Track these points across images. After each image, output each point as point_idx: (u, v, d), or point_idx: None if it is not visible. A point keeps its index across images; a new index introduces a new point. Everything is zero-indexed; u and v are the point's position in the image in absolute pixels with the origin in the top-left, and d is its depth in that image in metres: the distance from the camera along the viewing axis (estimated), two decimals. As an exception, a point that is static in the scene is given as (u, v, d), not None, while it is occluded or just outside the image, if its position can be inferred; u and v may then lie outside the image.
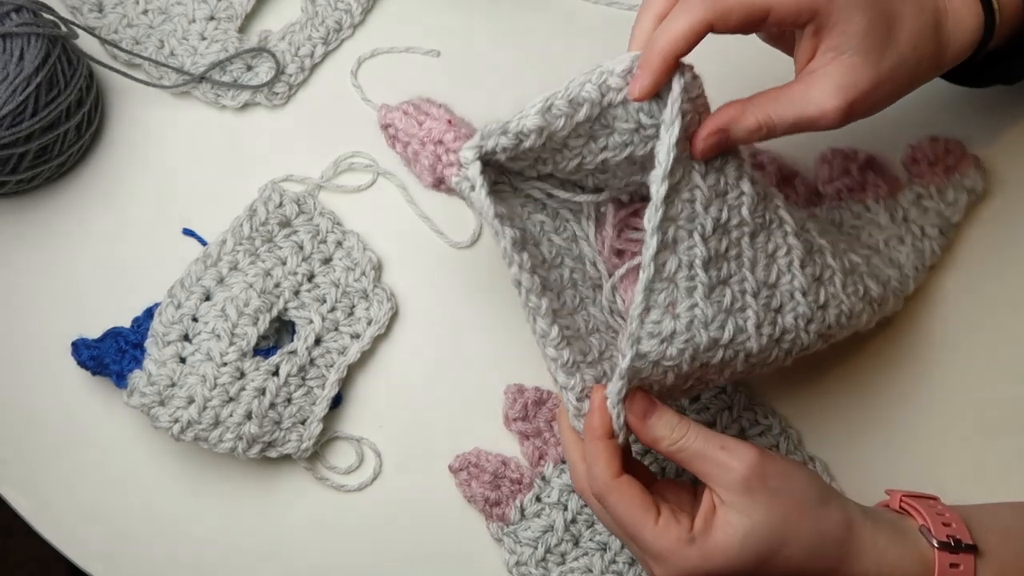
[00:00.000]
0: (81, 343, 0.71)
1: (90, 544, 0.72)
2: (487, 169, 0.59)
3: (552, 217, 0.66)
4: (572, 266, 0.65)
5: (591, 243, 0.66)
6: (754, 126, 0.59)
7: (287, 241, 0.74)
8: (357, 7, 0.80)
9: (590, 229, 0.67)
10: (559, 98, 0.58)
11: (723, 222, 0.60)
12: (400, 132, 0.63)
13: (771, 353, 0.62)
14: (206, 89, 0.78)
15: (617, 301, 0.66)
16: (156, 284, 0.73)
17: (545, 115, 0.58)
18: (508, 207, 0.62)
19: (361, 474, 0.73)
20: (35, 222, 0.77)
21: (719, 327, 0.59)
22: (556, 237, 0.66)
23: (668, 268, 0.58)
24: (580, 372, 0.60)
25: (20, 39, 0.71)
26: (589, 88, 0.58)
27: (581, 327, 0.63)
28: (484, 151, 0.59)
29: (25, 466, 0.73)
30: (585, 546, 0.70)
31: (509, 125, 0.59)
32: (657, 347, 0.58)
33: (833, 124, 0.59)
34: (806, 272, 0.62)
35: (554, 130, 0.59)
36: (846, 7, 0.58)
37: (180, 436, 0.69)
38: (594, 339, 0.63)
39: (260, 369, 0.70)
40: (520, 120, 0.58)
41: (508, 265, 0.58)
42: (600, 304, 0.66)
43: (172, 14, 0.79)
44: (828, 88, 0.58)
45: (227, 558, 0.71)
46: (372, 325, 0.73)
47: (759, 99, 0.59)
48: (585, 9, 0.81)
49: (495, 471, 0.71)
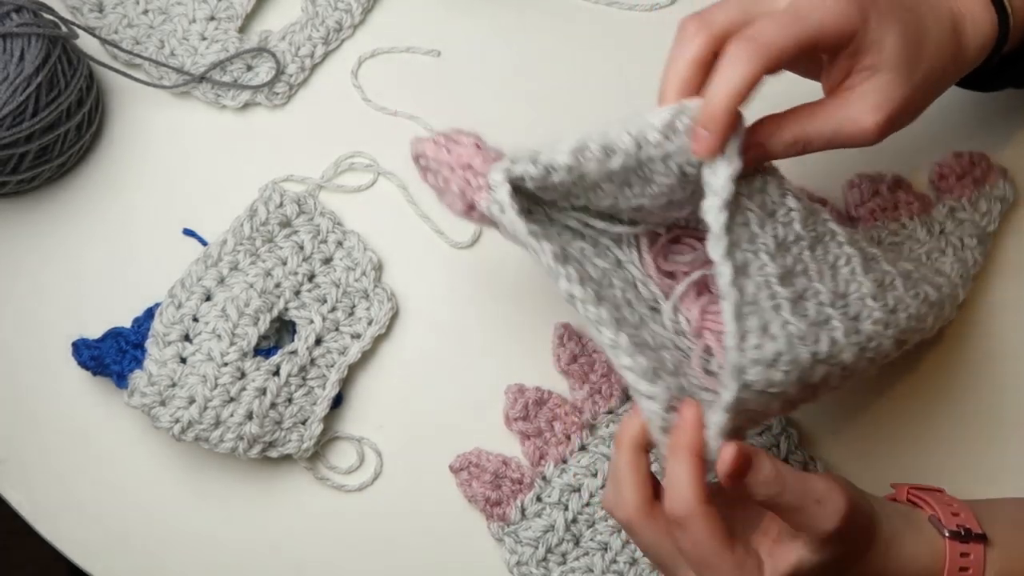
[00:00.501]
0: (82, 343, 0.71)
1: (90, 544, 0.72)
2: (518, 196, 0.58)
3: (592, 244, 0.64)
4: (622, 287, 0.64)
5: (638, 266, 0.65)
6: (790, 140, 0.58)
7: (288, 241, 0.74)
8: (357, 7, 0.80)
9: (632, 254, 0.65)
10: (593, 142, 0.57)
11: (781, 239, 0.59)
12: (431, 161, 0.61)
13: (860, 364, 0.61)
14: (206, 89, 0.78)
15: (680, 321, 0.64)
16: (156, 284, 0.73)
17: (576, 155, 0.57)
18: (544, 231, 0.60)
19: (361, 474, 0.73)
20: (35, 222, 0.77)
21: (814, 341, 0.58)
22: (600, 261, 0.64)
23: (748, 291, 0.57)
24: (663, 380, 0.57)
25: (20, 39, 0.71)
26: (626, 139, 0.57)
27: (649, 340, 0.61)
28: (512, 175, 0.58)
29: (25, 466, 0.73)
30: (586, 546, 0.70)
31: (540, 156, 0.57)
32: (762, 373, 0.56)
33: (870, 140, 0.59)
34: (870, 278, 0.62)
35: (585, 172, 0.57)
36: (880, 26, 0.58)
37: (181, 436, 0.69)
38: (665, 354, 0.61)
39: (261, 369, 0.70)
40: (551, 154, 0.57)
41: (555, 280, 0.57)
42: (661, 323, 0.64)
43: (172, 14, 0.79)
44: (866, 105, 0.58)
45: (227, 558, 0.71)
46: (372, 325, 0.73)
47: (795, 114, 0.59)
48: (585, 9, 0.81)
49: (496, 471, 0.71)
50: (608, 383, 0.72)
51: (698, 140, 0.57)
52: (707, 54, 0.57)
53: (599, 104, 0.79)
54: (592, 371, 0.72)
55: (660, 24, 0.80)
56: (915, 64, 0.59)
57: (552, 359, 0.73)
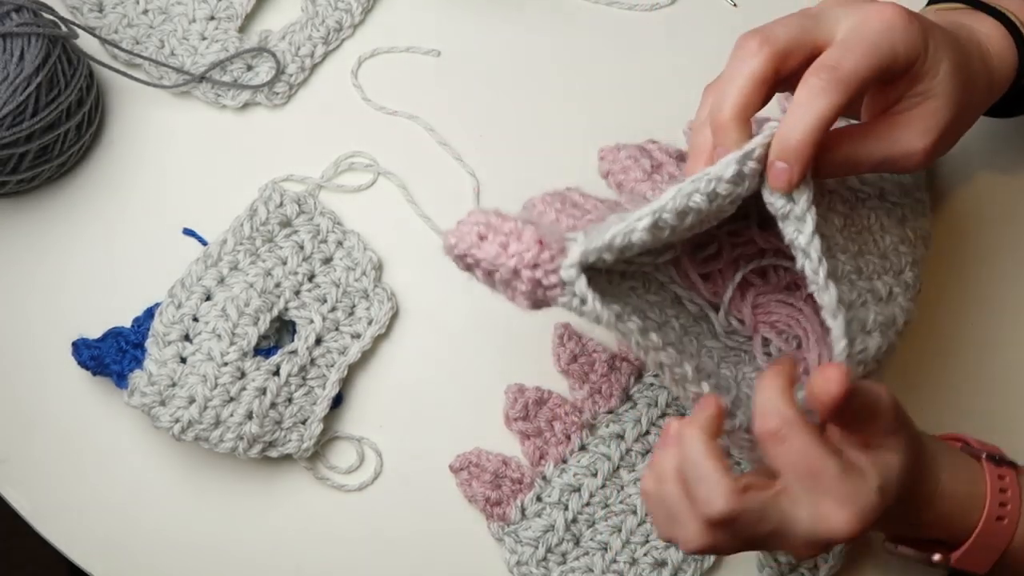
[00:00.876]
0: (82, 343, 0.71)
1: (90, 544, 0.72)
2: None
3: (637, 278, 0.64)
4: (675, 313, 0.64)
5: (679, 283, 0.65)
6: (840, 160, 0.58)
7: (288, 241, 0.74)
8: (357, 7, 0.80)
9: (670, 271, 0.65)
10: (667, 211, 0.55)
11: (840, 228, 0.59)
12: (483, 262, 0.55)
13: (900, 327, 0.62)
14: (206, 89, 0.78)
15: (732, 323, 0.65)
16: (156, 284, 0.73)
17: (652, 230, 0.55)
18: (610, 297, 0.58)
19: (361, 474, 0.73)
20: (35, 222, 0.76)
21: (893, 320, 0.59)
22: (651, 296, 0.64)
23: (844, 298, 0.57)
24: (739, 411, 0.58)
25: (20, 39, 0.71)
26: (698, 199, 0.55)
27: (711, 366, 0.62)
28: (585, 265, 0.55)
29: (25, 466, 0.73)
30: (586, 546, 0.70)
31: (615, 241, 0.55)
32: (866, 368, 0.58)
33: (917, 165, 0.59)
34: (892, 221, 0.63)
35: (658, 239, 0.56)
36: (936, 52, 0.58)
37: (181, 436, 0.69)
38: (724, 370, 0.62)
39: (261, 369, 0.70)
40: (626, 235, 0.55)
41: (644, 354, 0.56)
42: (712, 332, 0.65)
43: (172, 14, 0.79)
44: (916, 131, 0.58)
45: (227, 558, 0.71)
46: (372, 325, 0.73)
47: (845, 135, 0.59)
48: (585, 9, 0.81)
49: (496, 471, 0.71)
50: (608, 383, 0.72)
51: (777, 175, 0.56)
52: (770, 72, 0.56)
53: (599, 104, 0.79)
54: (592, 371, 0.72)
55: (660, 24, 0.81)
56: (961, 91, 0.59)
57: (552, 359, 0.73)
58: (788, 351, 0.63)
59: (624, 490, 0.71)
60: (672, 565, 0.70)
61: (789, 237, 0.56)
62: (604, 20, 0.81)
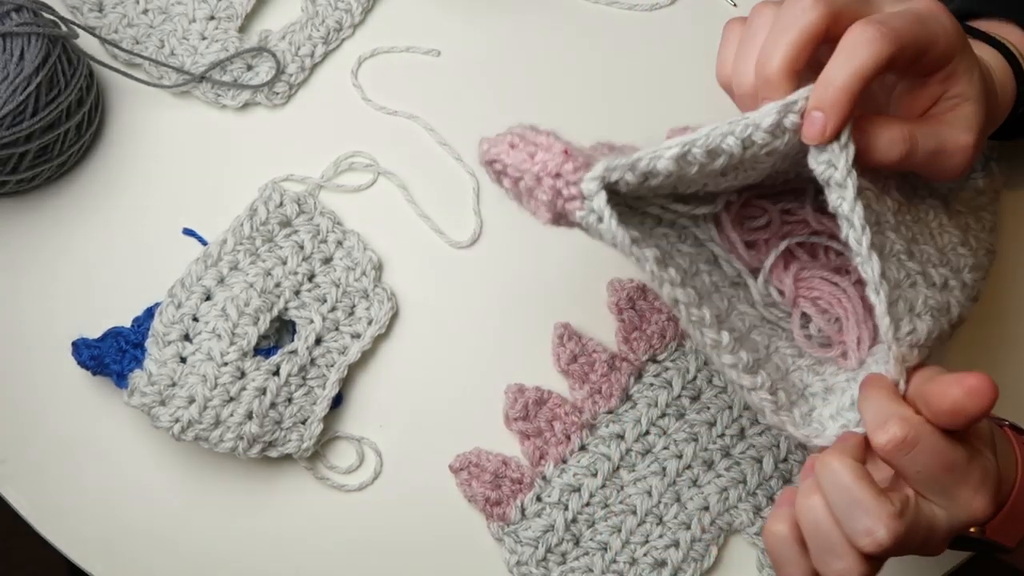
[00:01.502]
0: (81, 343, 0.71)
1: (90, 544, 0.72)
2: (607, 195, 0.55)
3: (671, 226, 0.62)
4: (708, 269, 0.63)
5: (718, 242, 0.63)
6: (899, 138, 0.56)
7: (287, 241, 0.74)
8: (357, 7, 0.80)
9: (711, 230, 0.63)
10: (697, 147, 0.54)
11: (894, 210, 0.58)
12: (510, 168, 0.56)
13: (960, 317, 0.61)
14: (206, 89, 0.78)
15: (772, 294, 0.63)
16: (156, 284, 0.73)
17: (679, 161, 0.55)
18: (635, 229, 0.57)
19: (361, 474, 0.73)
20: (35, 222, 0.76)
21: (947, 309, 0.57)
22: (683, 246, 0.62)
23: (891, 276, 0.55)
24: (762, 369, 0.57)
25: (20, 39, 0.71)
26: (731, 141, 0.55)
27: (741, 327, 0.61)
28: (607, 183, 0.55)
29: (25, 466, 0.73)
30: (586, 546, 0.70)
31: (639, 163, 0.54)
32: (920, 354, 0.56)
33: (964, 163, 0.58)
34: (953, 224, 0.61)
35: (684, 174, 0.56)
36: (970, 58, 0.57)
37: (181, 436, 0.69)
38: (756, 336, 0.61)
39: (261, 369, 0.70)
40: (651, 160, 0.54)
41: (658, 286, 0.55)
42: (748, 299, 0.63)
43: (172, 14, 0.79)
44: (959, 128, 0.57)
45: (227, 558, 0.71)
46: (372, 325, 0.73)
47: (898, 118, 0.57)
48: (585, 9, 0.81)
49: (496, 471, 0.71)
50: (608, 383, 0.72)
51: (812, 124, 0.54)
52: (822, 30, 0.54)
53: (600, 103, 0.79)
54: (592, 371, 0.72)
55: (660, 24, 0.81)
56: (988, 102, 0.59)
57: (552, 359, 0.73)
58: (829, 331, 0.62)
59: (624, 490, 0.71)
60: (672, 565, 0.70)
61: (833, 204, 0.54)
62: (604, 20, 0.81)
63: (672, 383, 0.72)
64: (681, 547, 0.70)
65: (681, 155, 0.54)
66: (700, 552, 0.70)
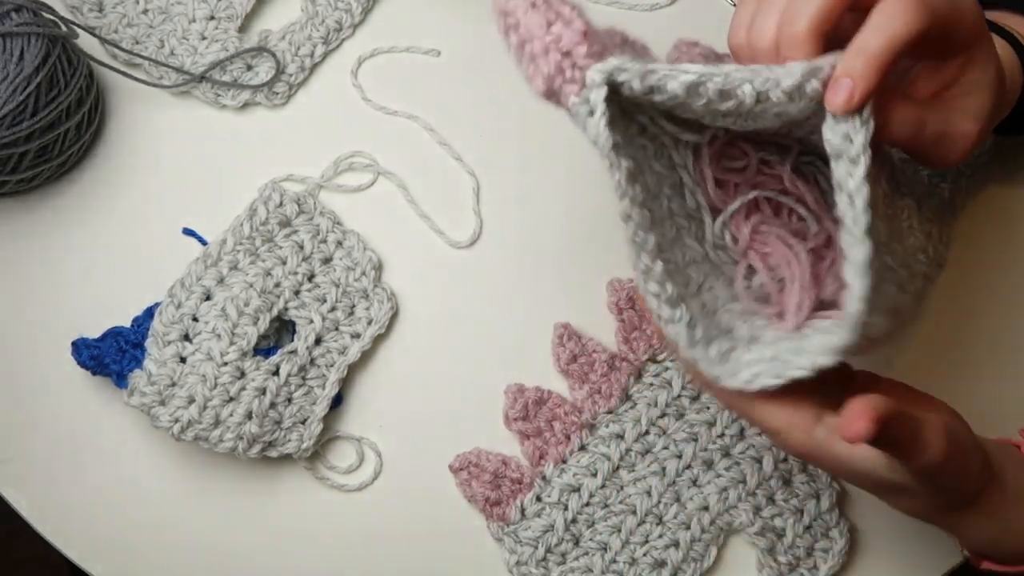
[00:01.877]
0: (81, 343, 0.71)
1: (90, 544, 0.72)
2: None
3: (652, 140, 0.60)
4: (669, 195, 0.61)
5: (690, 172, 0.61)
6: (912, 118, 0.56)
7: (287, 241, 0.74)
8: (357, 7, 0.80)
9: (688, 157, 0.61)
10: (713, 83, 0.53)
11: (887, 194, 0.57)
12: (522, 28, 0.53)
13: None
14: (206, 89, 0.78)
15: (726, 239, 0.61)
16: (156, 284, 0.73)
17: (690, 88, 0.53)
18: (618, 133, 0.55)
19: (361, 474, 0.73)
20: (35, 222, 0.77)
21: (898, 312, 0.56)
22: (656, 164, 0.60)
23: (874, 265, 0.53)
24: (684, 304, 0.56)
25: (20, 39, 0.71)
26: (747, 89, 0.53)
27: (679, 259, 0.59)
28: (613, 80, 0.52)
29: (25, 466, 0.73)
30: (585, 546, 0.70)
31: (649, 77, 0.53)
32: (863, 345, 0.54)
33: (965, 152, 0.57)
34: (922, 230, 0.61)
35: (689, 103, 0.54)
36: (990, 48, 0.57)
37: (180, 436, 0.69)
38: (691, 271, 0.59)
39: (260, 369, 0.70)
40: (663, 78, 0.53)
41: (620, 198, 0.53)
42: (697, 235, 0.61)
43: (172, 14, 0.79)
44: (968, 115, 0.57)
45: (227, 558, 0.71)
46: (372, 325, 0.73)
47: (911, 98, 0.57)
48: (585, 9, 0.81)
49: (495, 471, 0.71)
50: (608, 383, 0.72)
51: (839, 91, 0.51)
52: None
53: (599, 104, 0.79)
54: (592, 371, 0.72)
55: (660, 24, 0.81)
56: (1000, 94, 0.58)
57: (552, 359, 0.73)
58: (771, 289, 0.60)
59: (624, 490, 0.71)
60: (672, 565, 0.70)
61: (838, 177, 0.53)
62: (604, 20, 0.81)
63: (672, 383, 0.72)
64: (681, 547, 0.70)
65: (694, 85, 0.52)
66: (700, 552, 0.70)
